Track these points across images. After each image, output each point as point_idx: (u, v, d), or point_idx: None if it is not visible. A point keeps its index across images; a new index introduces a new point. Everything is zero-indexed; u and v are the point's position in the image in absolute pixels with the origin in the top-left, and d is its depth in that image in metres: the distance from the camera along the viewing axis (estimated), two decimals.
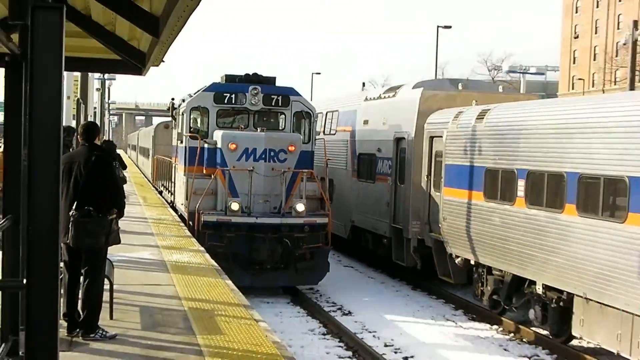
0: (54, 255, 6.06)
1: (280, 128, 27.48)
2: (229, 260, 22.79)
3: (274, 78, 27.82)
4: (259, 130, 25.89)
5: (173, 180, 32.84)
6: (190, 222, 25.31)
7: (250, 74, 27.31)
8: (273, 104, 26.88)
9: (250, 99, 26.49)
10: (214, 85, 27.46)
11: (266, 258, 24.21)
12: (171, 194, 34.10)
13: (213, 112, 26.89)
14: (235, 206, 24.34)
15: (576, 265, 18.52)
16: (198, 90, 28.19)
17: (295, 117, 27.26)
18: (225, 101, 26.71)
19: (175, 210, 31.02)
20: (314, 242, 25.07)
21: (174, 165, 33.20)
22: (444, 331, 21.91)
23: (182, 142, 28.32)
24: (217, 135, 25.87)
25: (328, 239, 25.70)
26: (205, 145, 26.00)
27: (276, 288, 25.48)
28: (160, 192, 41.49)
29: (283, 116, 27.52)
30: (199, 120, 27.38)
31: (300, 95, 28.19)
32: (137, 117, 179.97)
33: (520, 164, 21.04)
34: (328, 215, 25.95)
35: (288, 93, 27.29)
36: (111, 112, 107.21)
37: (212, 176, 25.27)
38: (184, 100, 29.69)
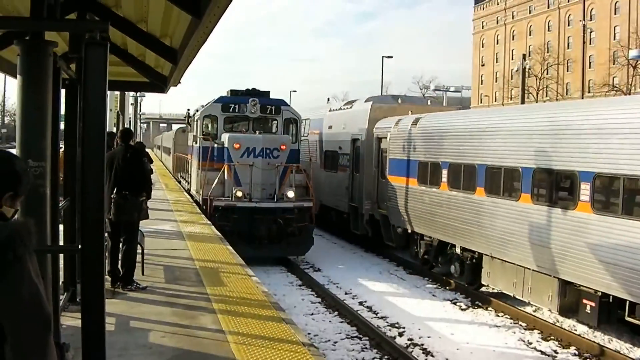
0: (100, 227, 6.08)
1: (273, 131, 26.71)
2: (235, 236, 21.88)
3: (268, 92, 27.23)
4: (257, 133, 25.58)
5: (189, 172, 31.78)
6: (204, 206, 24.61)
7: (250, 88, 26.84)
8: (268, 112, 26.32)
9: (250, 109, 25.93)
10: (221, 98, 26.92)
11: (264, 234, 23.71)
12: (188, 183, 33.07)
13: (221, 119, 26.31)
14: (239, 193, 23.82)
15: (484, 232, 18.62)
16: (209, 102, 27.68)
17: (285, 123, 26.60)
18: (231, 110, 26.16)
19: (191, 196, 30.00)
20: (302, 221, 24.44)
21: (189, 161, 32.38)
22: (389, 282, 21.94)
23: (196, 143, 27.58)
24: (224, 137, 25.33)
25: (312, 218, 25.12)
26: (215, 145, 25.41)
27: (272, 258, 24.30)
28: (179, 181, 40.38)
29: (275, 122, 26.84)
30: (209, 126, 26.67)
31: (289, 105, 28.01)
32: (160, 125, 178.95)
33: (444, 158, 21.11)
34: (312, 200, 25.37)
35: (279, 104, 26.88)
36: (142, 121, 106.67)
37: (221, 170, 24.59)
38: (197, 110, 29.22)
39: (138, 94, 62.48)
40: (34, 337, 2.99)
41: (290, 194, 24.41)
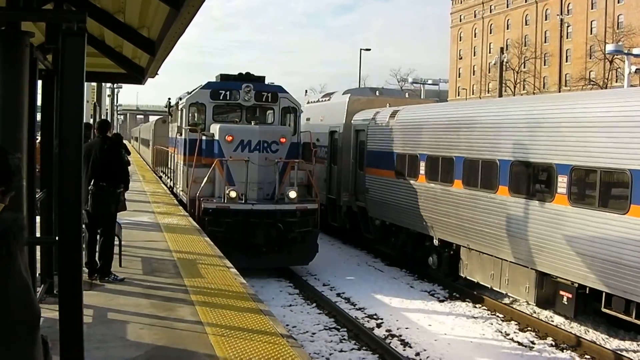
0: (78, 218, 6.04)
1: (269, 122, 23.78)
2: (228, 243, 18.85)
3: (264, 77, 24.21)
4: (253, 123, 22.46)
5: (172, 168, 28.49)
6: (191, 209, 21.43)
7: (243, 73, 23.79)
8: (263, 100, 23.29)
9: (243, 96, 22.84)
10: (210, 84, 23.61)
11: (262, 242, 20.55)
12: (170, 179, 29.67)
13: (210, 107, 23.12)
14: (233, 194, 20.46)
15: (463, 224, 18.69)
16: (196, 88, 24.48)
17: (283, 112, 23.56)
18: (221, 98, 23.02)
19: (175, 195, 26.81)
20: (305, 226, 21.40)
21: (171, 154, 29.47)
22: (367, 274, 21.99)
23: (181, 134, 24.34)
24: (215, 128, 22.16)
25: (317, 222, 21.88)
26: (204, 137, 22.10)
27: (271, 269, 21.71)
28: (160, 177, 36.97)
29: (272, 111, 23.81)
30: (196, 115, 23.59)
31: (287, 93, 24.08)
32: (137, 116, 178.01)
33: (421, 150, 21.15)
34: (317, 201, 22.20)
35: (276, 90, 23.69)
36: (118, 113, 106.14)
37: (211, 166, 21.44)
38: (181, 99, 26.05)
39: (115, 85, 62.07)
40: (23, 333, 2.95)
41: (292, 194, 21.09)
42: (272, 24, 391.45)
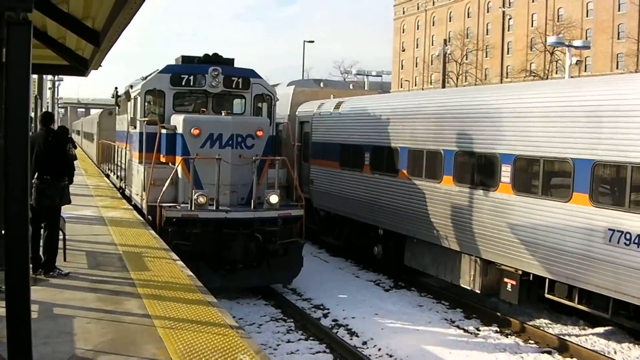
0: (25, 212, 5.96)
1: (240, 112, 20.12)
2: (196, 259, 16.03)
3: (233, 59, 20.42)
4: (223, 114, 18.64)
5: (123, 167, 24.44)
6: (149, 216, 17.92)
7: (210, 54, 20.01)
8: (233, 86, 19.66)
9: (210, 81, 19.20)
10: (170, 67, 19.89)
11: (238, 257, 17.34)
12: (120, 179, 25.60)
13: (169, 95, 19.40)
14: (202, 199, 16.93)
15: (408, 214, 18.85)
16: (152, 73, 20.78)
17: (255, 101, 20.12)
18: (183, 83, 19.32)
19: (128, 199, 22.97)
20: (288, 236, 18.20)
21: (120, 150, 25.69)
22: (313, 264, 21.87)
23: (135, 127, 20.32)
24: (177, 119, 18.49)
25: (303, 232, 18.69)
26: (164, 131, 18.48)
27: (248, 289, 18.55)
28: (107, 175, 33.00)
29: (243, 99, 20.25)
30: (153, 105, 19.80)
31: (261, 78, 20.62)
32: (78, 110, 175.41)
33: (366, 140, 21.25)
34: (302, 206, 18.80)
35: (248, 75, 19.98)
36: (59, 106, 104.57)
37: (172, 164, 18.30)
38: (132, 86, 22.36)
39: (56, 77, 61.13)
40: None
41: (274, 198, 17.78)
42: (213, 16, 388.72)
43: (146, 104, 19.69)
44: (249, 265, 17.61)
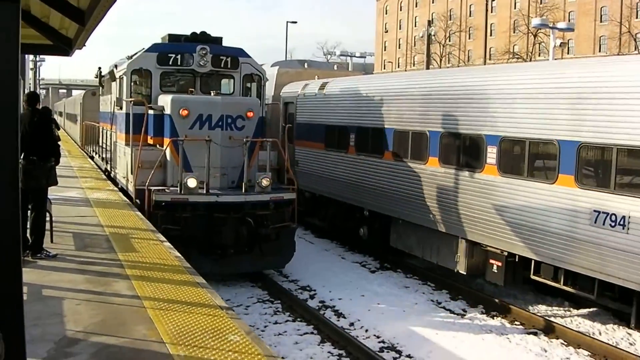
0: (16, 193, 5.92)
1: (229, 92, 19.67)
2: (187, 244, 15.37)
3: (221, 38, 19.93)
4: (213, 94, 18.03)
5: (109, 149, 23.95)
6: (137, 200, 17.50)
7: (197, 32, 19.50)
8: (222, 65, 19.18)
9: (198, 60, 18.78)
10: (156, 46, 19.33)
11: (230, 242, 16.98)
12: (106, 162, 25.12)
13: (156, 74, 18.88)
14: (192, 182, 16.58)
15: (393, 195, 18.90)
16: (138, 52, 20.01)
17: (244, 81, 19.64)
18: (170, 62, 18.79)
19: (114, 182, 22.50)
20: (280, 221, 17.76)
21: (105, 131, 25.16)
22: (298, 246, 21.26)
23: (121, 108, 19.66)
24: (165, 100, 18.05)
25: (295, 216, 18.36)
26: (151, 112, 18.09)
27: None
28: (91, 157, 32.30)
29: (232, 79, 19.77)
30: (139, 85, 19.27)
31: (250, 57, 19.91)
32: (60, 90, 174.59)
33: (350, 122, 21.26)
34: (295, 189, 18.45)
35: (237, 54, 19.48)
36: (41, 87, 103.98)
37: (160, 146, 17.99)
38: (117, 66, 21.73)
39: (38, 58, 60.64)
40: None
41: (265, 181, 17.48)
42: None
43: (132, 84, 19.13)
44: (241, 251, 17.24)
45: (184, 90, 19.08)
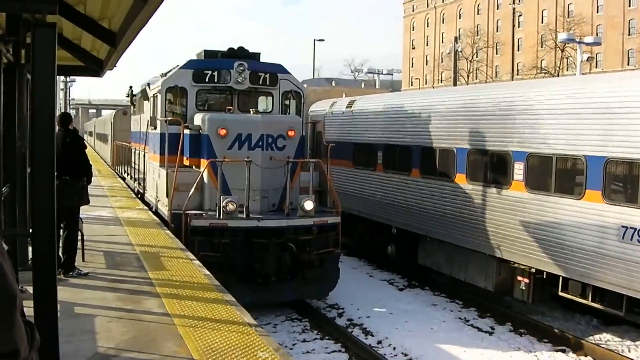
0: (52, 212, 6.09)
1: (268, 110, 18.64)
2: (226, 271, 14.75)
3: (259, 54, 18.93)
4: (252, 112, 16.95)
5: (141, 169, 23.14)
6: (172, 224, 16.47)
7: (235, 48, 18.50)
8: (260, 82, 18.23)
9: (235, 77, 17.78)
10: (192, 62, 18.50)
11: (272, 269, 15.91)
12: (138, 183, 24.13)
13: (192, 92, 18.01)
14: (231, 206, 15.59)
15: (421, 213, 18.95)
16: (172, 69, 19.19)
17: (283, 98, 18.71)
18: (207, 80, 17.89)
19: (146, 204, 21.63)
20: (324, 246, 16.68)
21: (137, 152, 24.22)
22: None
23: (155, 127, 18.89)
24: (201, 118, 17.03)
25: (339, 241, 17.22)
26: (187, 132, 17.11)
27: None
28: (123, 178, 31.30)
29: (270, 97, 18.81)
30: (174, 103, 18.41)
31: (289, 73, 18.91)
32: (90, 110, 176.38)
33: (378, 139, 21.37)
34: (339, 213, 17.28)
35: (276, 70, 18.53)
36: (71, 107, 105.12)
37: (196, 168, 17.10)
38: (149, 84, 20.81)
39: (68, 78, 61.38)
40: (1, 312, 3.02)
41: (309, 204, 16.33)
42: (218, 14, 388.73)
43: (167, 102, 18.23)
44: (283, 278, 16.24)
45: (221, 108, 18.14)
